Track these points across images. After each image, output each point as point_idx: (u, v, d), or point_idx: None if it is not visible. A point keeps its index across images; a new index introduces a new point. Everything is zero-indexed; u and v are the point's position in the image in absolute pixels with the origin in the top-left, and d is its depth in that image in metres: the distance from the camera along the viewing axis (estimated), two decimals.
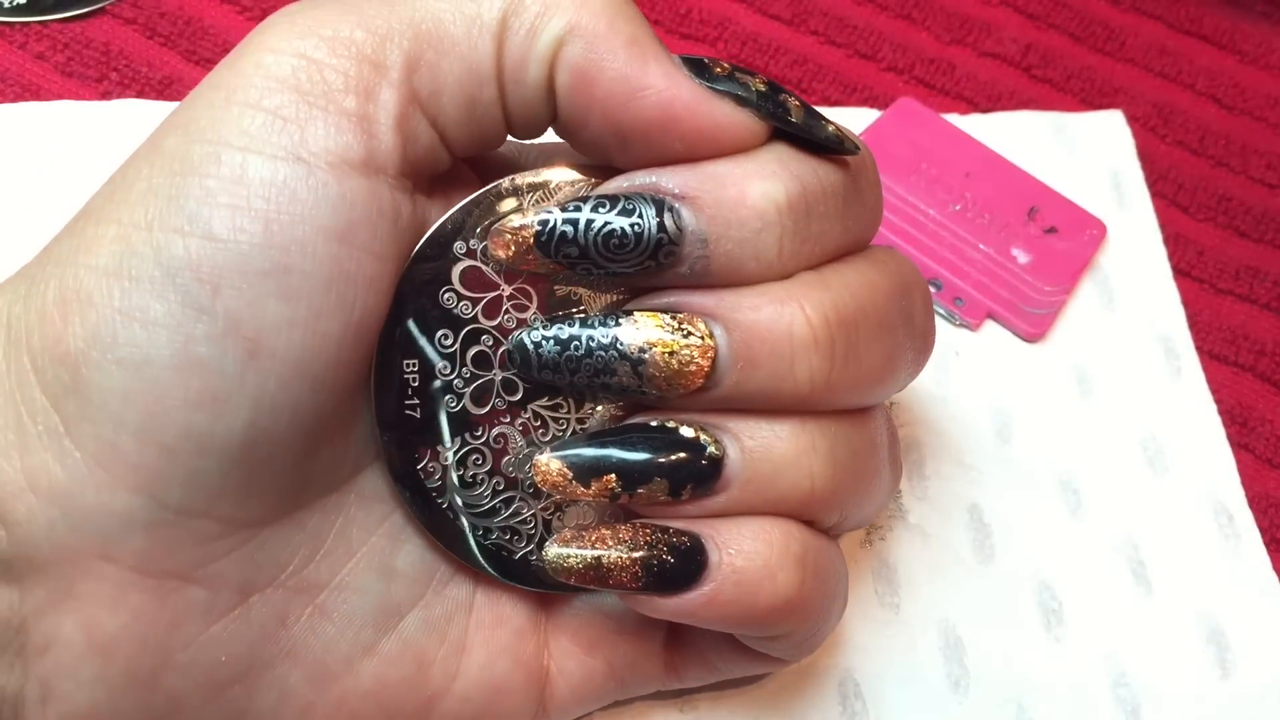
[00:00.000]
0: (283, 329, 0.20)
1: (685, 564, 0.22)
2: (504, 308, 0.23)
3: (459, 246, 0.23)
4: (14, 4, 0.36)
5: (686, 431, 0.22)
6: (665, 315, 0.22)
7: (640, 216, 0.21)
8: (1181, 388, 0.33)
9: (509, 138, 0.23)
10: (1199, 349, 0.34)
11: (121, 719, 0.21)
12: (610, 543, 0.22)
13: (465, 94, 0.21)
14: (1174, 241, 0.36)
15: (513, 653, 0.24)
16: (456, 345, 0.23)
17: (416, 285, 0.23)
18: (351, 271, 0.21)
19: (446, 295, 0.23)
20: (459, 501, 0.23)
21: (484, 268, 0.23)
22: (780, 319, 0.21)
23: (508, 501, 0.24)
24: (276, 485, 0.21)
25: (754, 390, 0.22)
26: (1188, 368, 0.34)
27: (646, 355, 0.21)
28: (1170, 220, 0.37)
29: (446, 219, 0.23)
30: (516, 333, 0.23)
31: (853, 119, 0.38)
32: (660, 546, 0.22)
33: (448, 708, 0.24)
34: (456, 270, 0.23)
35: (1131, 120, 0.39)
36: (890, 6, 0.42)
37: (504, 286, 0.23)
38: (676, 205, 0.21)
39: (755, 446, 0.22)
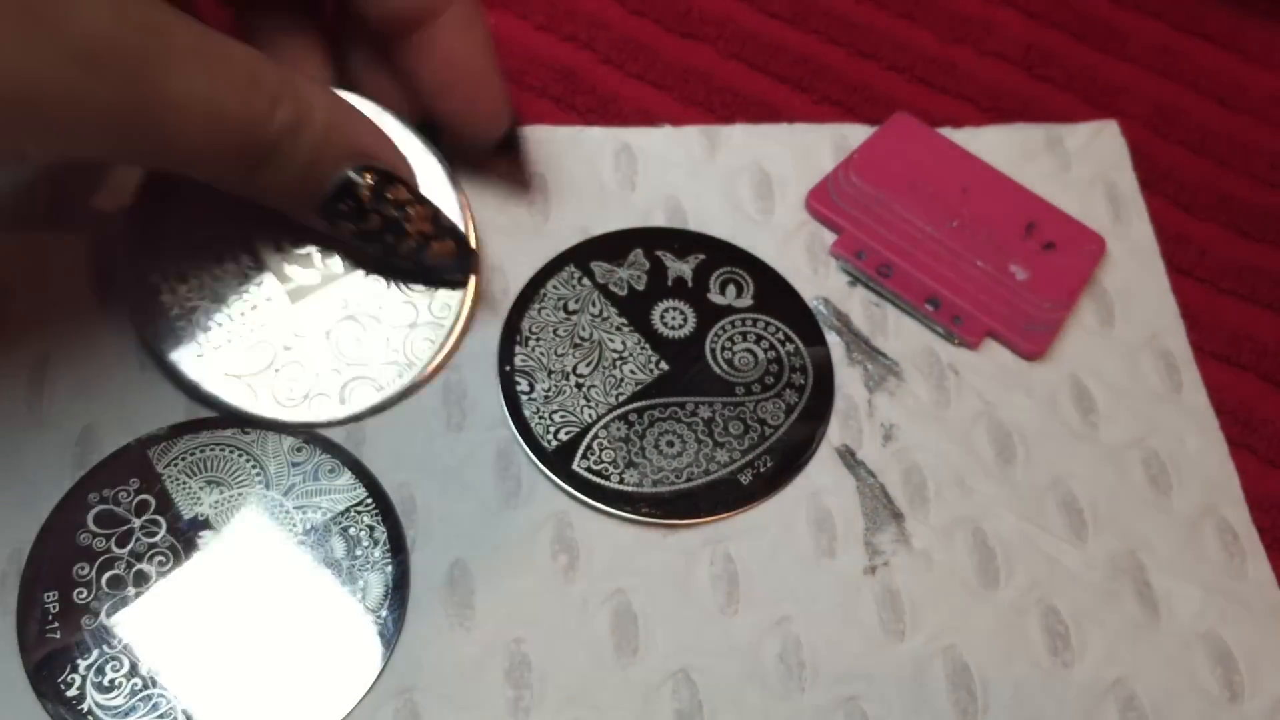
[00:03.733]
0: None
1: None
2: (135, 537, 0.28)
3: (92, 496, 0.29)
4: None
5: None
6: None
7: None
8: (1183, 404, 0.33)
9: None
10: (1200, 349, 0.34)
11: None
12: None
13: None
14: (1175, 242, 0.36)
15: None
16: (92, 573, 0.28)
17: (55, 533, 0.28)
18: None
19: (82, 536, 0.28)
20: (97, 705, 0.26)
21: (115, 508, 0.28)
22: None
23: (146, 699, 0.27)
24: None
25: None
26: (1189, 383, 0.33)
27: None
28: (1172, 220, 0.37)
29: (78, 484, 0.29)
30: None
31: (847, 135, 0.37)
32: None
33: None
34: (90, 515, 0.28)
35: (1133, 119, 0.39)
36: (891, 5, 0.41)
37: (134, 520, 0.28)
38: None
39: None
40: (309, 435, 0.30)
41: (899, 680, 0.28)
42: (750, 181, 0.36)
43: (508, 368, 0.32)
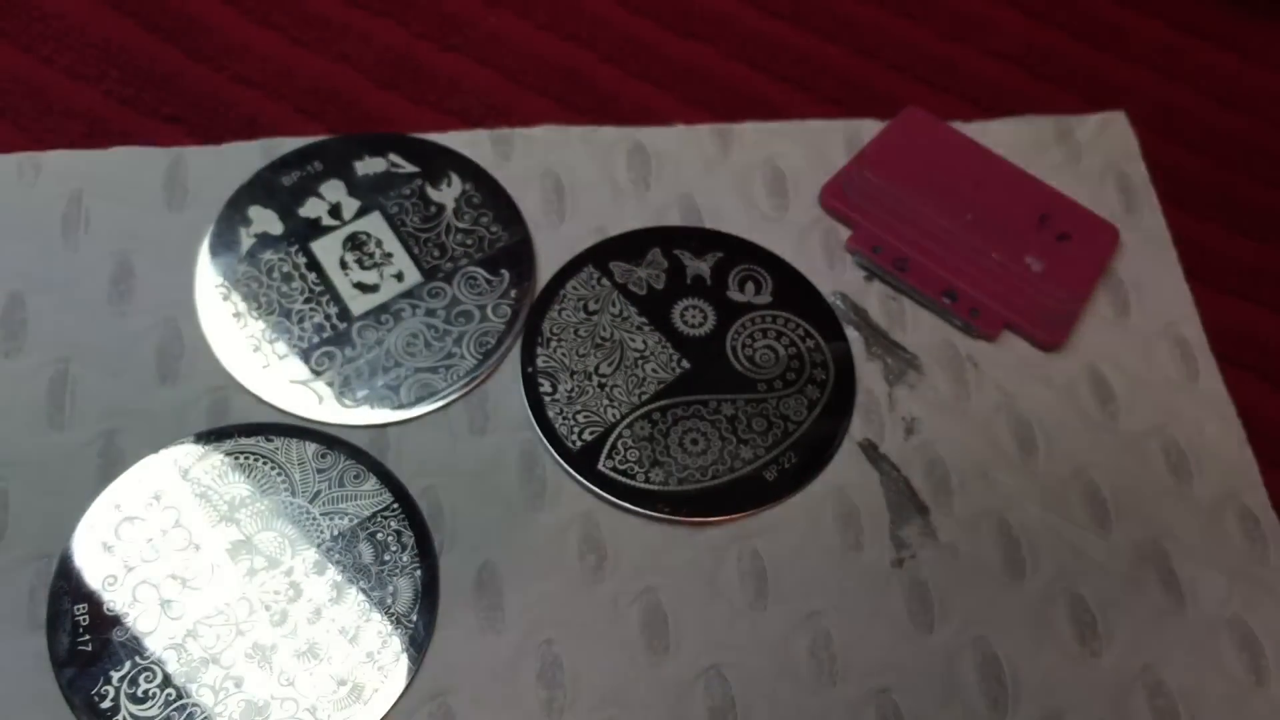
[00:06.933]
0: None
1: None
2: (162, 547, 0.28)
3: (118, 508, 0.28)
4: None
5: None
6: None
7: None
8: (1200, 391, 0.33)
9: None
10: None
11: None
12: None
13: None
14: (1177, 241, 0.36)
15: None
16: (122, 584, 0.28)
17: (82, 545, 0.28)
18: None
19: (110, 547, 0.28)
20: (131, 717, 0.26)
21: (141, 519, 0.28)
22: None
23: (181, 709, 0.26)
24: None
25: None
26: (1205, 371, 0.34)
27: None
28: (1173, 220, 0.37)
29: (103, 496, 0.29)
30: None
31: (859, 130, 0.37)
32: None
33: None
34: (117, 527, 0.28)
35: (1134, 119, 0.39)
36: (892, 4, 0.41)
37: (161, 530, 0.28)
38: None
39: None
40: (332, 441, 0.30)
41: (930, 672, 0.29)
42: (764, 179, 0.36)
43: (530, 369, 0.32)
